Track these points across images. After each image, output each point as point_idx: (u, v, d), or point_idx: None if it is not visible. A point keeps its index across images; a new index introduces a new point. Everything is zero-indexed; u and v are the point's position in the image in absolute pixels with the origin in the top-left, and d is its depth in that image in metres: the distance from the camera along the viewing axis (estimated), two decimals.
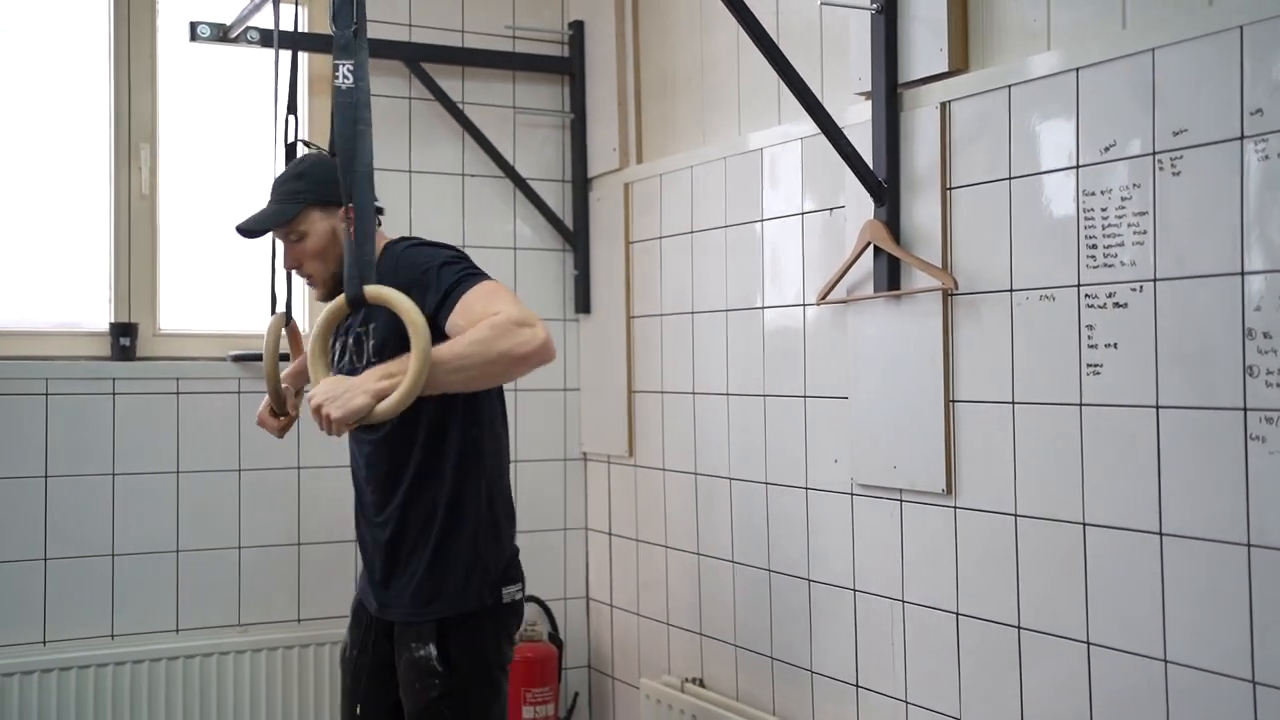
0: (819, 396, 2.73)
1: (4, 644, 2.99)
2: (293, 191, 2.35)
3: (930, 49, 2.40)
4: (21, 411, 3.05)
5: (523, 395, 3.60)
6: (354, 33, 2.12)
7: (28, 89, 3.23)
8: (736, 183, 3.00)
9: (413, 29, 3.49)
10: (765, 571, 2.91)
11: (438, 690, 2.23)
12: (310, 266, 2.36)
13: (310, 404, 1.99)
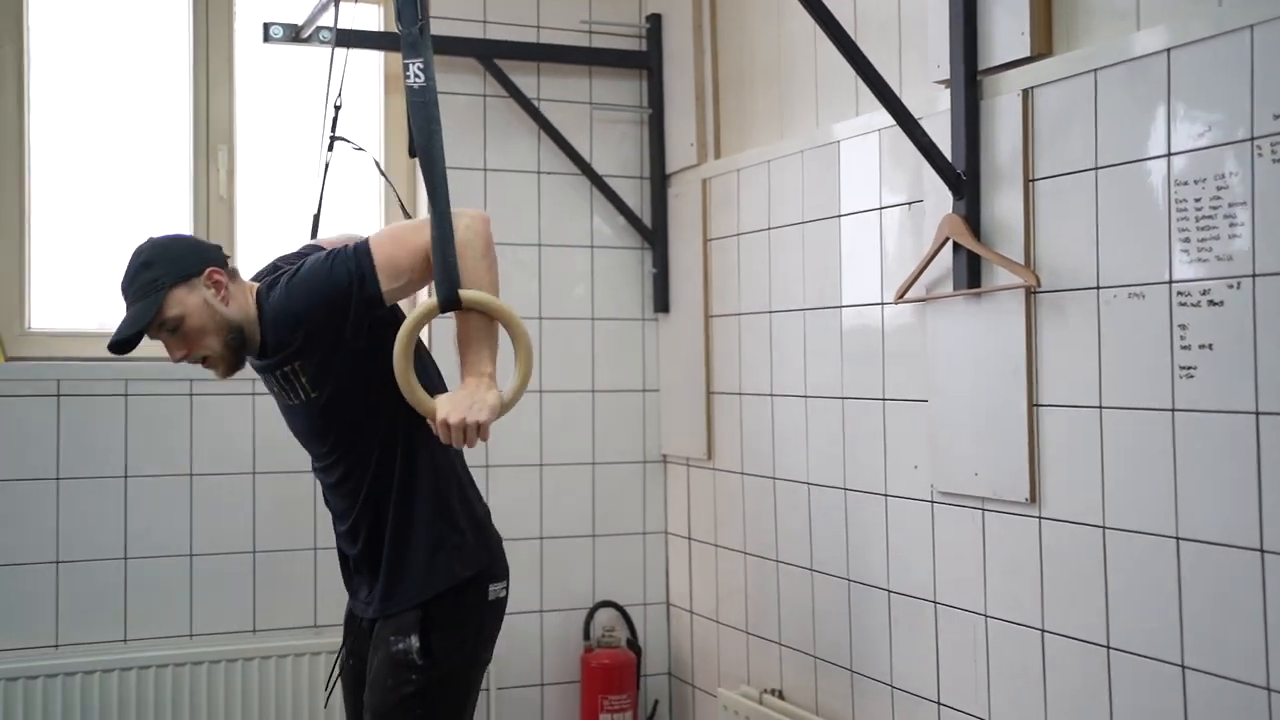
0: (898, 399, 2.61)
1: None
2: (148, 282, 2.17)
3: (1011, 33, 2.27)
4: (99, 412, 3.08)
5: (600, 396, 3.55)
6: (420, 30, 2.10)
7: (115, 94, 3.27)
8: (814, 177, 2.89)
9: (487, 25, 3.45)
10: (844, 581, 2.80)
11: (413, 686, 2.19)
12: (203, 346, 2.20)
13: (451, 421, 2.03)
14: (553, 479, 3.49)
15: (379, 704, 2.22)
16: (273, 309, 2.19)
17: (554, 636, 3.47)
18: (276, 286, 2.20)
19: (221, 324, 2.19)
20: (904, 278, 2.50)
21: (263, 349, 2.22)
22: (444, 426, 2.05)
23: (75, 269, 3.24)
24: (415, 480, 2.24)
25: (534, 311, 3.49)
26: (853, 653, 2.78)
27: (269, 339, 2.20)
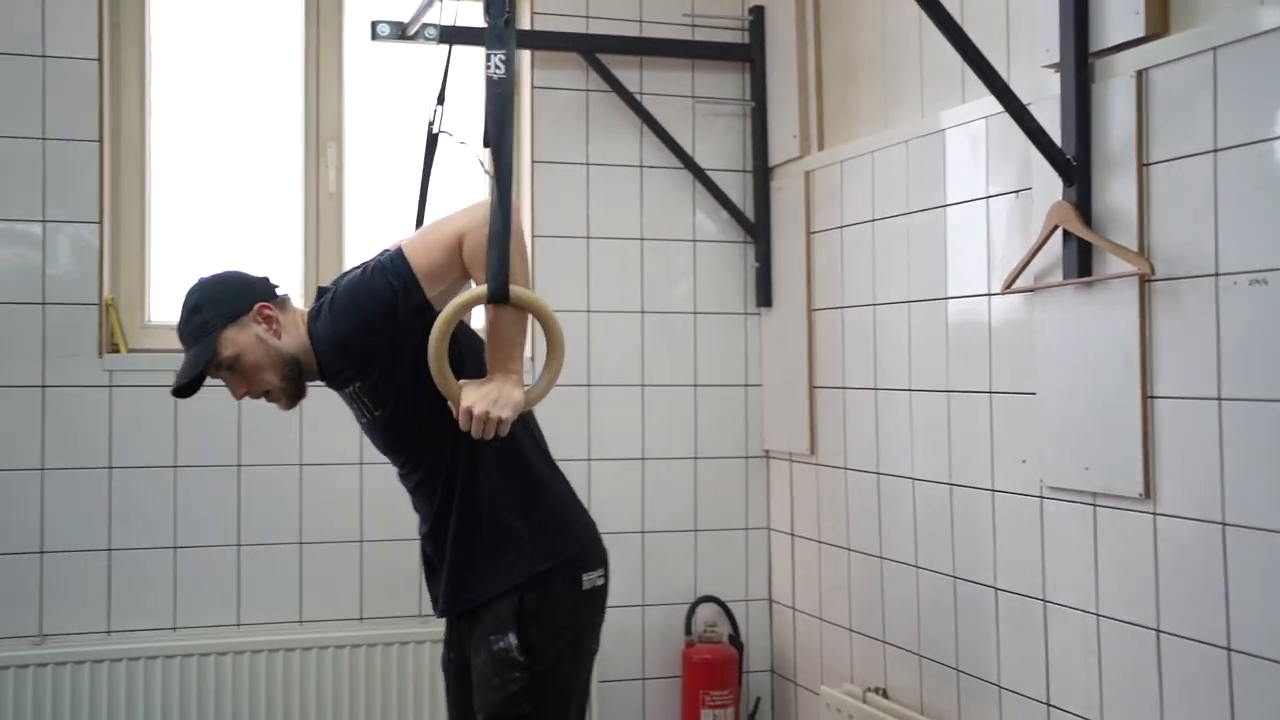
0: (1005, 392, 2.55)
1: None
2: (200, 325, 2.20)
3: (1124, 12, 2.20)
4: (217, 402, 3.16)
5: (702, 391, 3.54)
6: (505, 22, 2.11)
7: (231, 95, 3.37)
8: (919, 167, 2.84)
9: (590, 20, 3.46)
10: (950, 578, 2.74)
11: (518, 683, 2.17)
12: (261, 381, 2.23)
13: (475, 411, 2.03)
14: (654, 473, 3.49)
15: (487, 703, 2.21)
16: (322, 335, 2.20)
17: (655, 631, 3.47)
18: (322, 312, 2.21)
19: (276, 358, 2.20)
20: (1011, 268, 2.44)
21: (322, 374, 2.24)
22: (466, 414, 2.04)
23: (192, 264, 3.34)
24: (480, 482, 2.23)
25: (636, 306, 3.50)
26: (959, 651, 2.72)
27: (325, 365, 2.22)
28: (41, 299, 3.09)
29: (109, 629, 3.09)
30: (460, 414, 2.06)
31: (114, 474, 3.12)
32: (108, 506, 3.11)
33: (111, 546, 3.11)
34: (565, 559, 2.25)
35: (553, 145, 3.45)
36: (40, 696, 2.97)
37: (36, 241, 3.09)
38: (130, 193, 3.25)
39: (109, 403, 3.13)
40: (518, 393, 2.08)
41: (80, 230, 3.12)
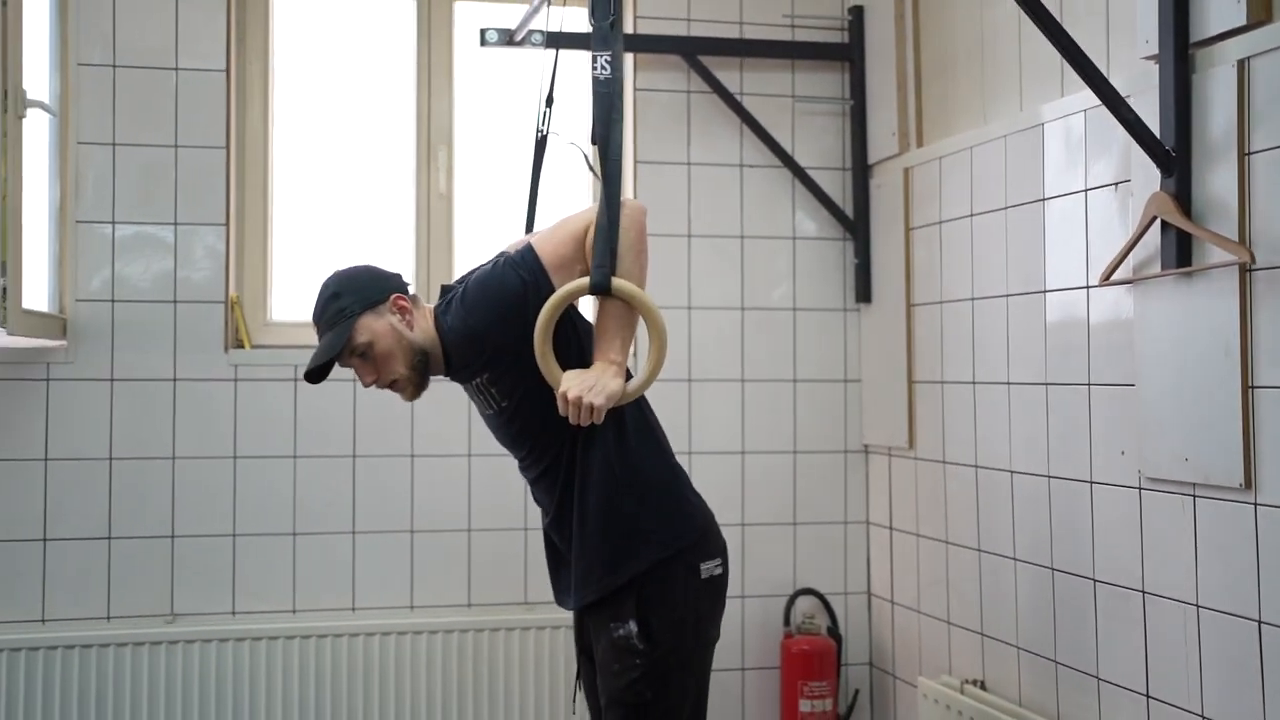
0: (1104, 384, 2.55)
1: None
2: (337, 312, 2.28)
3: (1226, 2, 2.20)
4: (335, 396, 3.32)
5: (801, 386, 3.59)
6: (610, 24, 2.19)
7: (347, 103, 3.53)
8: (1017, 162, 2.86)
9: (691, 23, 3.54)
10: (1049, 570, 2.75)
11: (639, 670, 2.22)
12: (391, 370, 2.30)
13: (569, 396, 2.11)
14: (754, 467, 3.55)
15: (609, 689, 2.28)
16: (453, 328, 2.28)
17: (755, 622, 3.52)
18: (452, 306, 2.30)
19: (407, 348, 2.28)
20: (1109, 260, 2.45)
21: (449, 367, 2.33)
22: (562, 399, 2.11)
23: (311, 264, 3.50)
24: (598, 475, 2.28)
25: (736, 303, 3.56)
26: (1057, 644, 2.72)
27: (453, 358, 2.31)
28: (173, 298, 3.28)
29: (233, 610, 3.26)
30: (558, 398, 2.14)
31: (238, 463, 3.29)
32: (232, 494, 3.28)
33: (236, 533, 3.28)
34: (684, 548, 2.29)
35: (655, 146, 3.54)
36: (172, 672, 3.14)
37: (169, 244, 3.28)
38: (254, 196, 3.43)
39: (234, 395, 3.30)
40: (615, 383, 2.14)
41: (208, 233, 3.30)
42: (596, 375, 2.15)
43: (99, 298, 3.23)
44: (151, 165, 3.27)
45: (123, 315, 3.24)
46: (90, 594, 3.19)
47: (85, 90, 3.24)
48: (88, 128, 3.24)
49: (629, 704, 2.25)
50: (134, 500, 3.22)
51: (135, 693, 3.11)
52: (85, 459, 3.20)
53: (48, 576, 3.17)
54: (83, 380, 3.21)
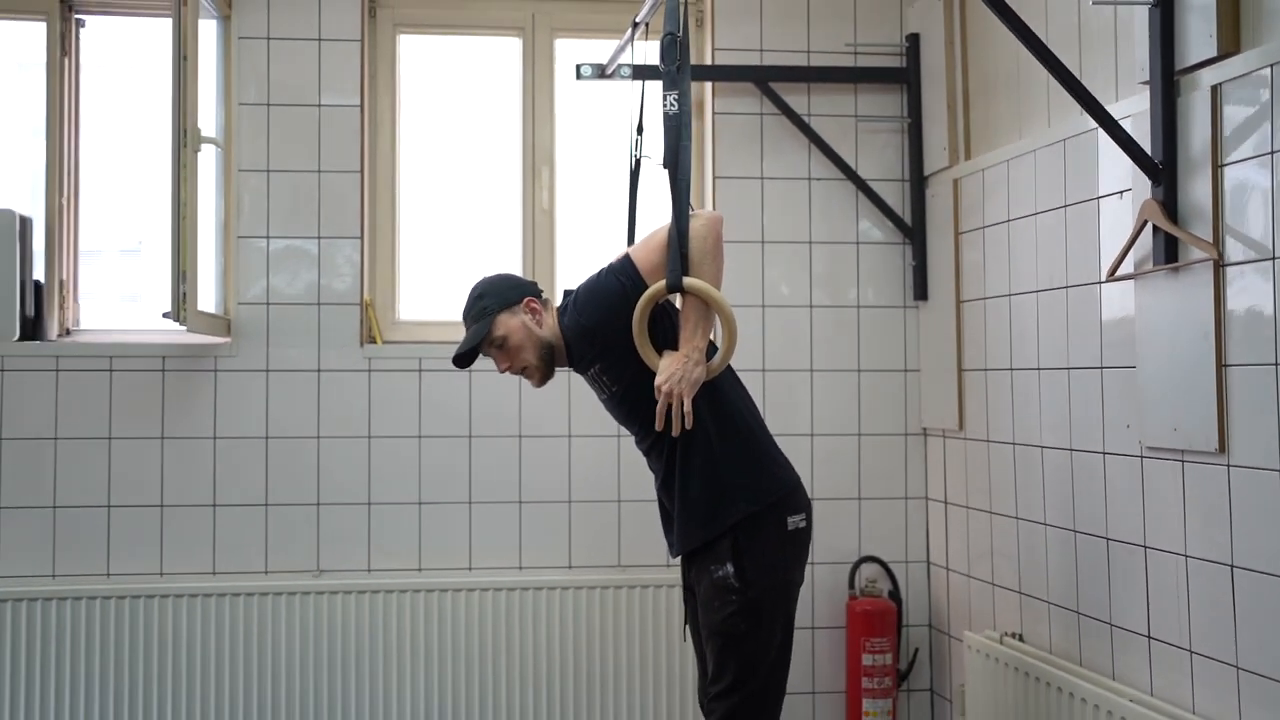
0: (1112, 367, 2.92)
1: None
2: (481, 310, 2.80)
3: (1201, 35, 2.56)
4: (452, 384, 3.84)
5: (865, 376, 3.99)
6: (677, 68, 2.66)
7: (462, 128, 4.06)
8: (1045, 173, 3.23)
9: (763, 54, 3.98)
10: (1071, 532, 3.12)
11: (734, 605, 2.68)
12: (522, 359, 2.80)
13: (661, 386, 2.60)
14: (822, 447, 3.96)
15: (711, 622, 2.74)
16: (569, 327, 2.79)
17: (823, 586, 3.94)
18: (568, 309, 2.80)
19: (536, 342, 2.80)
20: None
21: (570, 359, 2.84)
22: (657, 390, 2.60)
23: (432, 270, 4.04)
24: (700, 442, 2.73)
25: (805, 301, 3.99)
26: (1079, 596, 3.09)
27: (574, 351, 2.82)
28: (317, 301, 3.83)
29: (369, 567, 3.80)
30: (655, 383, 2.63)
31: (372, 442, 3.83)
32: (367, 469, 3.82)
33: (371, 501, 3.82)
34: (772, 504, 2.74)
35: (731, 163, 3.98)
36: (318, 618, 3.69)
37: (314, 255, 3.84)
38: (384, 213, 3.97)
39: (368, 384, 3.84)
40: (698, 370, 2.62)
41: (346, 245, 3.85)
42: (679, 361, 2.61)
43: (257, 301, 3.81)
44: (299, 188, 3.84)
45: (276, 316, 3.81)
46: (250, 552, 3.76)
47: (244, 125, 3.82)
48: (246, 157, 3.82)
49: (727, 634, 2.70)
50: (286, 473, 3.79)
51: (289, 635, 3.67)
52: (246, 438, 3.78)
53: (217, 537, 3.75)
54: (244, 371, 3.79)
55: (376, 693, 3.69)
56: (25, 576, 3.67)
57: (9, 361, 3.70)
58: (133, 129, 3.92)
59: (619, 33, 3.78)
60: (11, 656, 3.58)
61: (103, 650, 3.61)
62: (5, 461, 3.69)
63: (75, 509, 3.71)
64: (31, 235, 3.79)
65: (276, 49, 3.84)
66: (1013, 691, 3.25)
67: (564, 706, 3.75)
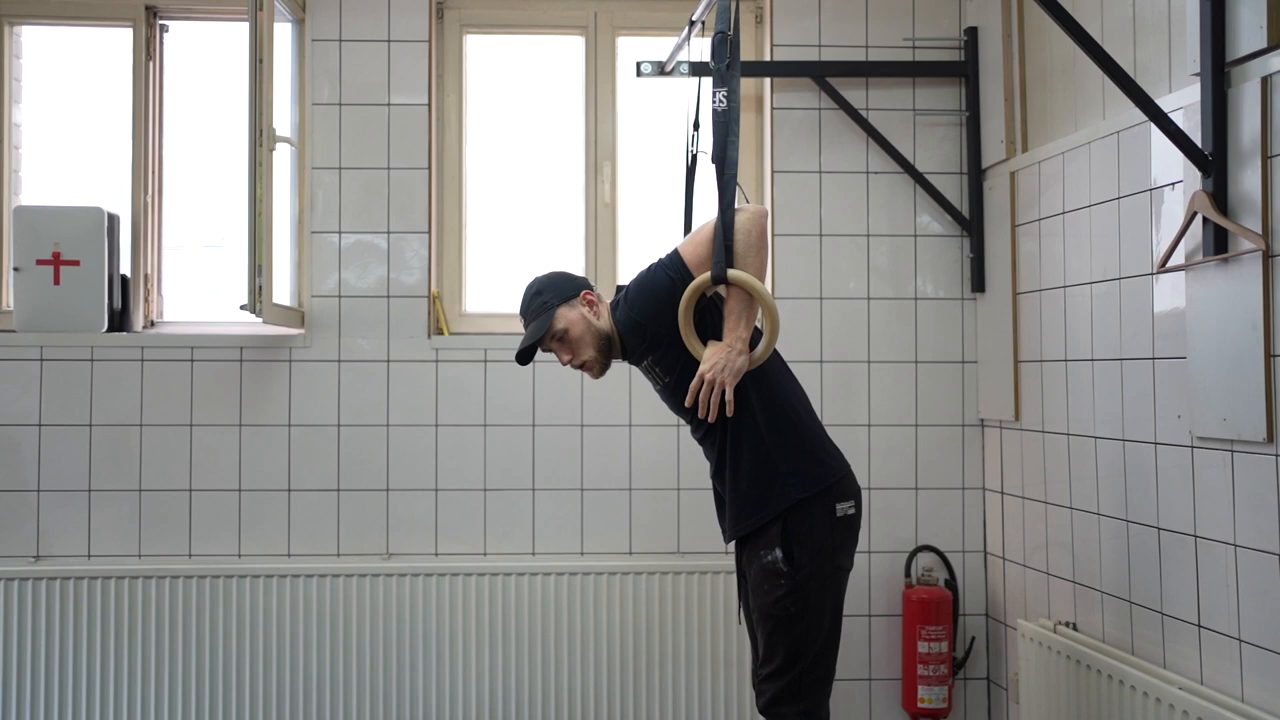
0: (1163, 358, 2.94)
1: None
2: (541, 305, 2.88)
3: (1251, 27, 2.58)
4: (516, 374, 3.95)
5: (922, 367, 4.03)
6: (727, 66, 2.73)
7: (526, 124, 4.17)
8: (1099, 165, 3.25)
9: (821, 49, 4.03)
10: (1123, 521, 3.14)
11: (784, 589, 2.76)
12: (582, 353, 2.88)
13: (705, 375, 2.68)
14: (879, 438, 4.01)
15: (762, 605, 2.82)
16: (621, 320, 2.88)
17: (879, 575, 3.99)
18: (620, 303, 2.90)
19: (595, 333, 2.89)
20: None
21: (624, 352, 2.94)
22: (698, 380, 2.67)
23: (497, 263, 4.16)
24: (751, 431, 2.82)
25: (863, 293, 4.04)
26: (1131, 585, 3.11)
27: (627, 344, 2.91)
28: (387, 294, 3.97)
29: (436, 551, 3.93)
30: (698, 371, 2.71)
31: (439, 430, 3.96)
32: (434, 456, 3.95)
33: (438, 487, 3.95)
34: (821, 490, 2.81)
35: (789, 157, 4.04)
36: (388, 599, 3.83)
37: (383, 249, 3.97)
38: (451, 208, 4.10)
39: (435, 374, 3.97)
40: (741, 359, 2.69)
41: (414, 239, 3.98)
42: (722, 351, 2.69)
43: (329, 294, 3.95)
44: (369, 184, 3.97)
45: (348, 308, 3.96)
46: (323, 535, 3.92)
47: (317, 124, 3.97)
48: (319, 155, 3.97)
49: (777, 616, 2.78)
50: (357, 460, 3.93)
51: (360, 615, 3.81)
52: (319, 425, 3.93)
53: (291, 520, 3.91)
54: (317, 361, 3.94)
55: (443, 672, 3.82)
56: (114, 556, 3.86)
57: (98, 352, 3.89)
58: (212, 129, 4.09)
59: (678, 30, 3.87)
60: (101, 632, 3.77)
61: (185, 627, 3.78)
62: (95, 447, 3.88)
63: (159, 492, 3.89)
64: (119, 231, 3.98)
65: (348, 50, 3.98)
66: (1066, 679, 3.28)
67: (623, 688, 3.85)
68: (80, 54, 4.18)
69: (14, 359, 3.88)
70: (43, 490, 3.87)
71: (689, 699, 3.84)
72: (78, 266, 3.86)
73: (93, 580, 3.77)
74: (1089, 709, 3.15)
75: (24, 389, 3.88)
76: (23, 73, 4.13)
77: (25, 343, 3.88)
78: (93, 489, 3.88)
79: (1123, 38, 3.10)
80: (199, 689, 3.79)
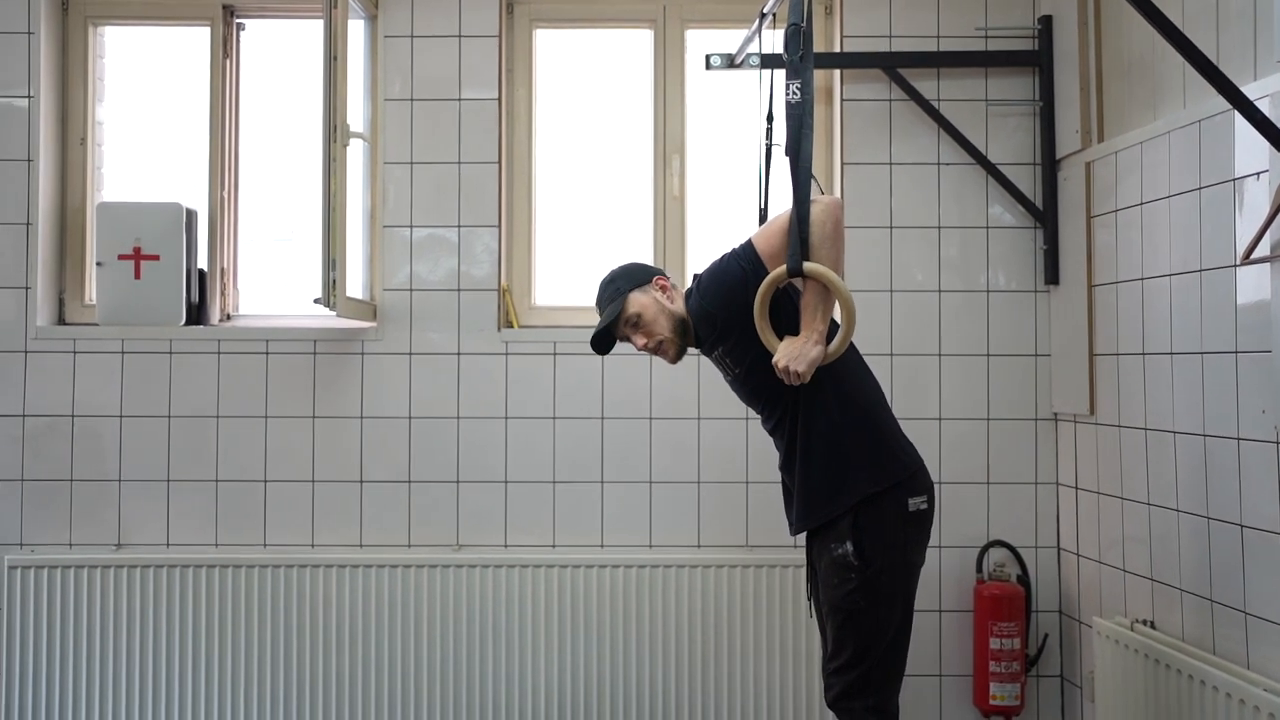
0: (1248, 351, 2.88)
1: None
2: (615, 292, 2.93)
3: None
4: (585, 367, 3.97)
5: (994, 360, 3.98)
6: (800, 57, 2.71)
7: (595, 118, 4.18)
8: (1179, 154, 3.19)
9: (892, 39, 3.99)
10: (1204, 519, 3.08)
11: (854, 583, 2.74)
12: (657, 334, 2.90)
13: (778, 364, 2.66)
14: (950, 431, 3.97)
15: (832, 598, 2.82)
16: (693, 309, 2.89)
17: (950, 570, 3.95)
18: (693, 293, 2.90)
19: (670, 316, 2.91)
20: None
21: (696, 341, 2.94)
22: (775, 366, 2.67)
23: (567, 256, 4.17)
24: (822, 421, 2.81)
25: (934, 286, 4.00)
26: (1212, 583, 3.05)
27: (699, 333, 2.92)
28: (457, 287, 4.00)
29: (505, 543, 3.96)
30: (773, 361, 2.70)
31: (509, 423, 3.98)
32: (504, 448, 3.98)
33: (507, 480, 3.97)
34: (893, 485, 2.80)
35: (859, 149, 4.01)
36: (458, 590, 3.86)
37: (454, 243, 4.00)
38: (520, 202, 4.12)
39: (505, 367, 3.99)
40: (816, 349, 2.68)
41: (484, 233, 4.00)
42: (799, 344, 2.69)
43: (401, 287, 3.99)
44: (440, 179, 4.01)
45: (419, 302, 4.00)
46: (394, 526, 3.96)
47: (390, 120, 4.01)
48: (391, 150, 4.01)
49: (847, 610, 2.78)
50: (427, 451, 3.97)
51: (430, 605, 3.85)
52: (390, 417, 3.98)
53: (364, 510, 3.96)
54: (388, 354, 3.99)
55: (512, 662, 3.85)
56: (192, 545, 3.94)
57: (177, 345, 3.97)
58: (286, 125, 4.15)
59: (747, 23, 3.86)
60: (180, 619, 3.84)
61: (260, 615, 3.85)
62: (174, 438, 3.96)
63: (235, 483, 3.96)
64: (196, 226, 4.05)
65: (420, 46, 4.01)
66: (1144, 679, 3.23)
67: (691, 681, 3.85)
68: (160, 53, 4.26)
69: (97, 351, 3.97)
70: (124, 480, 3.96)
71: (757, 692, 3.84)
72: (157, 261, 3.94)
73: (171, 569, 3.85)
74: (1168, 709, 3.10)
75: (106, 381, 3.96)
76: (105, 72, 4.22)
77: (107, 336, 3.96)
78: (171, 479, 3.96)
79: (1205, 26, 3.04)
80: (274, 676, 3.85)
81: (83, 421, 3.96)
